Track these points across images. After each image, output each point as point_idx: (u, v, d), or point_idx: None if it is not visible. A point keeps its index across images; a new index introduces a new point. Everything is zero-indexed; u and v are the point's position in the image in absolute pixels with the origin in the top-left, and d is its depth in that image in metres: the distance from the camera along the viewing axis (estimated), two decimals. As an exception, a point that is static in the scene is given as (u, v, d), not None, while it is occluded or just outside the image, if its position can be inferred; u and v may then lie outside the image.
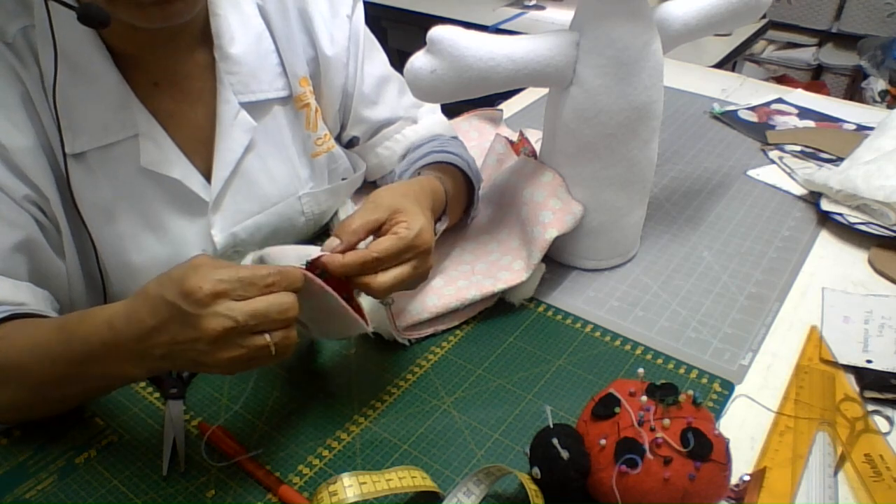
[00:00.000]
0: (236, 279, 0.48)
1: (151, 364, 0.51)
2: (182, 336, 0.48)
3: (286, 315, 0.49)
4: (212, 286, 0.47)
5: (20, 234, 0.64)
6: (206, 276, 0.47)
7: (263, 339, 0.48)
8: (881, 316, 0.71)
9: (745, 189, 0.97)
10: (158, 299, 0.48)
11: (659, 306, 0.75)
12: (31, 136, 0.64)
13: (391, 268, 0.58)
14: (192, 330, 0.47)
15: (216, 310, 0.47)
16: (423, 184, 0.68)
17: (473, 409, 0.63)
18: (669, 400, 0.50)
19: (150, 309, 0.49)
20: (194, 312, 0.47)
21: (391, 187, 0.65)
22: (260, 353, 0.49)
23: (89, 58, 0.66)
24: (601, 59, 0.68)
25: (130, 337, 0.50)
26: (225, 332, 0.47)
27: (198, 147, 0.74)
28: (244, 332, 0.48)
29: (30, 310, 0.62)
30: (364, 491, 0.49)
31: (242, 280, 0.48)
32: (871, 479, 0.55)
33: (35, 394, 0.57)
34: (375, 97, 0.85)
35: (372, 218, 0.59)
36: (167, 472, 0.57)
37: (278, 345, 0.49)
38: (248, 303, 0.48)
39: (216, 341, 0.47)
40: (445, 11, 2.05)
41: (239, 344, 0.48)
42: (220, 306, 0.47)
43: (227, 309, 0.47)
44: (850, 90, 2.56)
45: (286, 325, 0.50)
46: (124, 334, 0.50)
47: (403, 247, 0.57)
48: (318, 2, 0.79)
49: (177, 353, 0.49)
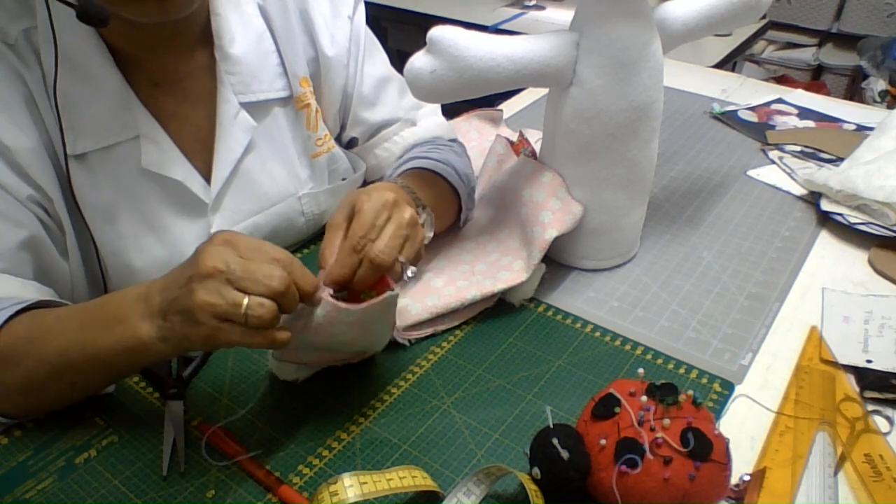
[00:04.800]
0: (248, 240, 0.52)
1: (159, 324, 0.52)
2: (184, 274, 0.51)
3: (269, 282, 0.50)
4: (228, 236, 0.52)
5: (25, 233, 0.64)
6: (232, 232, 0.53)
7: (241, 297, 0.49)
8: (881, 316, 0.71)
9: (745, 189, 0.97)
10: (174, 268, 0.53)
11: (659, 306, 0.75)
12: (34, 137, 0.64)
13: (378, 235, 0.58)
14: (193, 265, 0.50)
15: (217, 250, 0.50)
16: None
17: (473, 409, 0.63)
18: (669, 400, 0.50)
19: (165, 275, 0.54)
20: (200, 249, 0.51)
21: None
22: (233, 311, 0.49)
23: (90, 58, 0.66)
24: (601, 59, 0.68)
25: (157, 288, 0.53)
26: (215, 270, 0.49)
27: (198, 147, 0.74)
28: (229, 282, 0.49)
29: (50, 300, 0.63)
30: (365, 491, 0.49)
31: (252, 244, 0.52)
32: (871, 479, 0.55)
33: (49, 370, 0.56)
34: (375, 98, 0.85)
35: (336, 235, 0.59)
36: (167, 472, 0.57)
37: (251, 308, 0.49)
38: (244, 260, 0.50)
39: (203, 279, 0.49)
40: (445, 11, 2.05)
41: (219, 292, 0.49)
42: (223, 250, 0.51)
43: (225, 254, 0.50)
44: (850, 90, 2.56)
45: (268, 293, 0.50)
46: (155, 286, 0.54)
47: (365, 214, 0.58)
48: (320, 2, 0.79)
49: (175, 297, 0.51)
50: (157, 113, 0.71)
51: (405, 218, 0.60)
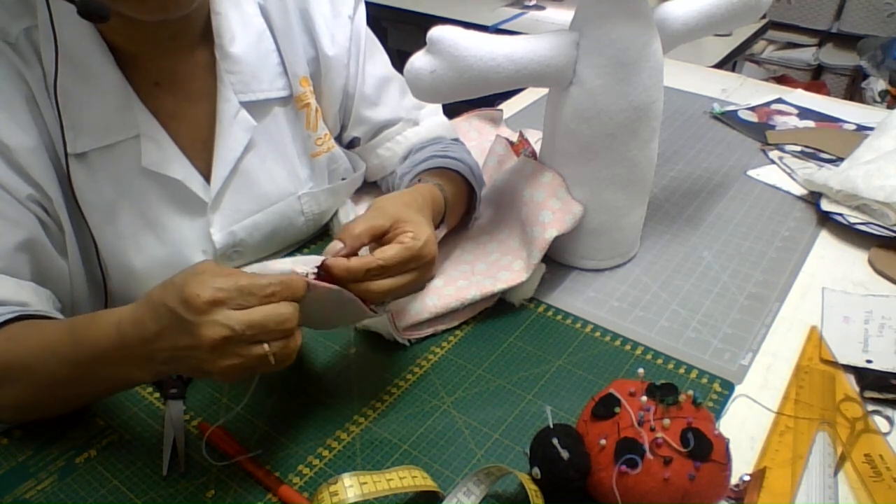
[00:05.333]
0: (235, 288, 0.48)
1: (156, 368, 0.52)
2: (182, 343, 0.48)
3: (284, 326, 0.49)
4: (210, 294, 0.47)
5: (23, 234, 0.64)
6: (205, 284, 0.47)
7: (262, 348, 0.48)
8: (881, 316, 0.71)
9: (745, 189, 0.97)
10: (161, 305, 0.49)
11: (659, 306, 0.75)
12: (34, 135, 0.64)
13: (393, 275, 0.58)
14: (190, 337, 0.47)
15: (214, 318, 0.47)
16: (425, 193, 0.69)
17: (473, 409, 0.63)
18: (669, 400, 0.50)
19: (152, 314, 0.49)
20: (192, 320, 0.47)
21: (394, 196, 0.65)
22: (259, 362, 0.48)
23: (91, 57, 0.66)
24: (601, 59, 0.68)
25: (136, 341, 0.50)
26: (223, 340, 0.47)
27: (198, 147, 0.74)
28: (242, 341, 0.48)
29: (34, 310, 0.62)
30: (365, 491, 0.49)
31: (241, 289, 0.48)
32: (871, 479, 0.55)
33: (40, 394, 0.57)
34: (377, 98, 0.85)
35: (376, 224, 0.59)
36: (167, 472, 0.57)
37: (277, 354, 0.49)
38: (246, 312, 0.48)
39: (214, 349, 0.47)
40: (445, 11, 2.05)
41: (237, 353, 0.48)
42: (217, 315, 0.47)
43: (225, 318, 0.47)
44: (850, 90, 2.56)
45: (285, 335, 0.49)
46: (130, 338, 0.50)
47: (409, 256, 0.58)
48: (320, 2, 0.79)
49: (179, 360, 0.49)
50: (157, 112, 0.70)
51: (425, 279, 0.61)
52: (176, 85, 0.72)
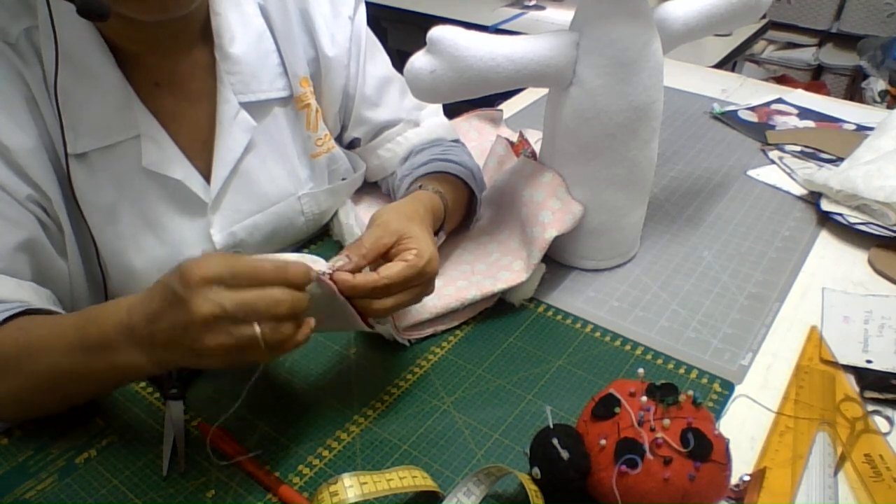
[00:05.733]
0: (230, 267, 0.48)
1: (157, 354, 0.52)
2: (176, 319, 0.48)
3: (276, 309, 0.49)
4: (204, 271, 0.48)
5: (23, 234, 0.64)
6: (203, 263, 0.48)
7: (252, 329, 0.48)
8: (881, 316, 0.71)
9: (745, 189, 0.97)
10: (163, 284, 0.50)
11: (659, 306, 0.75)
12: (33, 136, 0.64)
13: (395, 293, 0.59)
14: (183, 312, 0.48)
15: (205, 294, 0.47)
16: (426, 202, 0.69)
17: (473, 409, 0.63)
18: (669, 400, 0.50)
19: (157, 293, 0.50)
20: (184, 295, 0.47)
21: (396, 208, 0.66)
22: (249, 343, 0.48)
23: (91, 57, 0.66)
24: (601, 59, 0.68)
25: (140, 319, 0.51)
26: (213, 317, 0.47)
27: (198, 147, 0.74)
28: (233, 320, 0.48)
29: (36, 308, 0.63)
30: (365, 491, 0.49)
31: (236, 269, 0.49)
32: (871, 480, 0.55)
33: (41, 385, 0.57)
34: (377, 98, 0.85)
35: (381, 242, 0.61)
36: (167, 472, 0.57)
37: (268, 338, 0.49)
38: (239, 292, 0.48)
39: (205, 325, 0.48)
40: (445, 11, 2.05)
41: (228, 332, 0.48)
42: (209, 292, 0.47)
43: (217, 295, 0.47)
44: (850, 90, 2.56)
45: (277, 318, 0.49)
46: (136, 316, 0.51)
47: (413, 275, 0.59)
48: (320, 2, 0.79)
49: (176, 342, 0.50)
50: (157, 112, 0.70)
51: (426, 294, 0.62)
52: (176, 85, 0.72)
